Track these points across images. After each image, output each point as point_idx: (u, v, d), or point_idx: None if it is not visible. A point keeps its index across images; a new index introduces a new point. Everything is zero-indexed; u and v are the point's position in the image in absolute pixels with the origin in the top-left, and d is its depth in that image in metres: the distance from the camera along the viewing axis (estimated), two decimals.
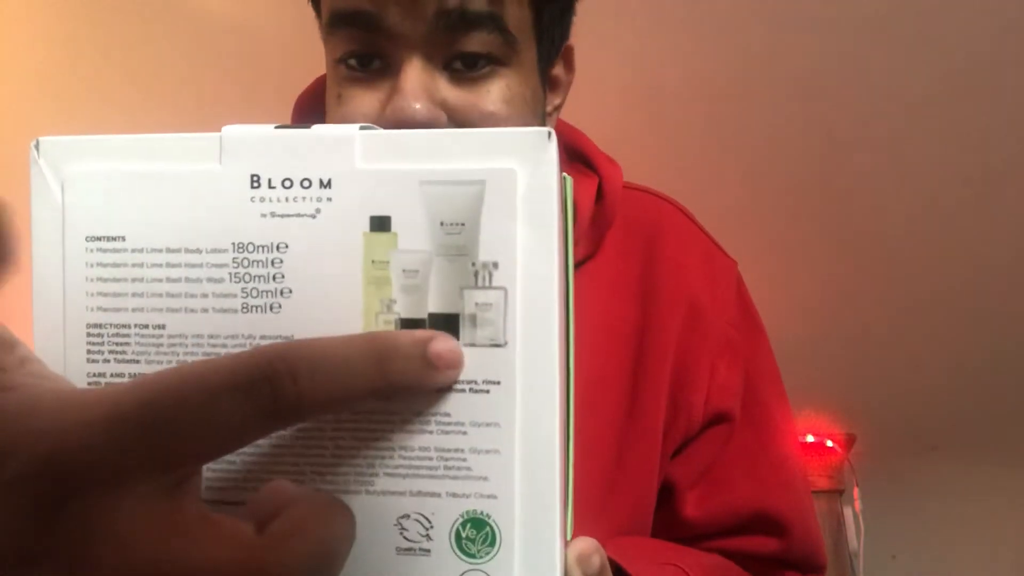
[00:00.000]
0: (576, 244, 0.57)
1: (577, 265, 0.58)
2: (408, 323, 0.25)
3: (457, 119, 0.47)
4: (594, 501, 0.53)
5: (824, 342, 1.66)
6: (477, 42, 0.47)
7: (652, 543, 0.57)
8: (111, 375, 0.25)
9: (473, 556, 0.24)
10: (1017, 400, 1.70)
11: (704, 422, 0.58)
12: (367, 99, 0.48)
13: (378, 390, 0.21)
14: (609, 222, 0.58)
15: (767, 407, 0.61)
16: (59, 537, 0.17)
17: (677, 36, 1.42)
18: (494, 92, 0.48)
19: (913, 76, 1.41)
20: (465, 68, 0.47)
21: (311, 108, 0.59)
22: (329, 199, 0.25)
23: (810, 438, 1.84)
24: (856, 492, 1.83)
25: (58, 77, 1.60)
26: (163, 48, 1.53)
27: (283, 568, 0.18)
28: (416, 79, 0.46)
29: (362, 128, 0.25)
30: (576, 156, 0.62)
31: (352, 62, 0.48)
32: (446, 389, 0.24)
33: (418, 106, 0.45)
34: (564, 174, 0.29)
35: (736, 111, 1.49)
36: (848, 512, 1.82)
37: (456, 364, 0.24)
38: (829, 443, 1.83)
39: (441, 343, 0.23)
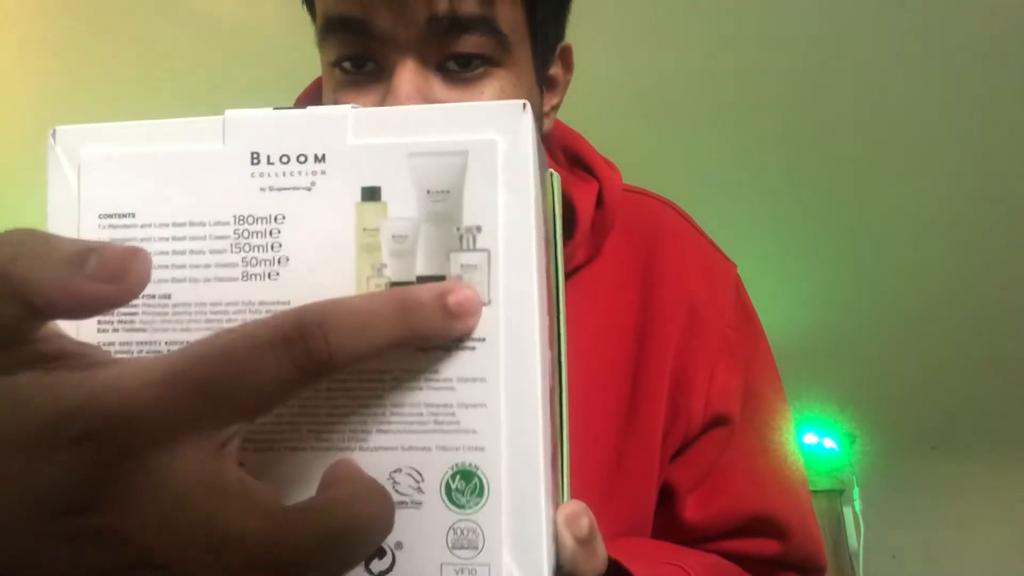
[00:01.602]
0: (576, 249, 0.57)
1: (577, 269, 0.58)
2: (397, 285, 0.26)
3: None
4: (593, 503, 0.53)
5: (824, 342, 1.66)
6: (470, 44, 0.47)
7: (653, 544, 0.57)
8: (120, 344, 0.27)
9: (463, 507, 0.25)
10: (1017, 400, 1.70)
11: (704, 424, 0.57)
12: (363, 102, 0.48)
13: (403, 340, 0.22)
14: (609, 227, 0.58)
15: (767, 409, 0.61)
16: (113, 491, 0.19)
17: (677, 36, 1.42)
18: (488, 94, 0.48)
19: (914, 76, 1.41)
20: (459, 68, 0.47)
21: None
22: (323, 172, 0.26)
23: (810, 438, 1.84)
24: (856, 492, 1.83)
25: (59, 77, 1.60)
26: (164, 48, 1.53)
27: (299, 542, 0.19)
28: (409, 81, 0.46)
29: (353, 107, 0.27)
30: (576, 161, 0.61)
31: (346, 65, 0.48)
32: (434, 347, 0.25)
33: None
34: (551, 171, 0.30)
35: (736, 111, 1.49)
36: (848, 512, 1.83)
37: (475, 311, 0.25)
38: (829, 443, 1.84)
39: (460, 292, 0.24)
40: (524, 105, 0.26)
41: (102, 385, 0.19)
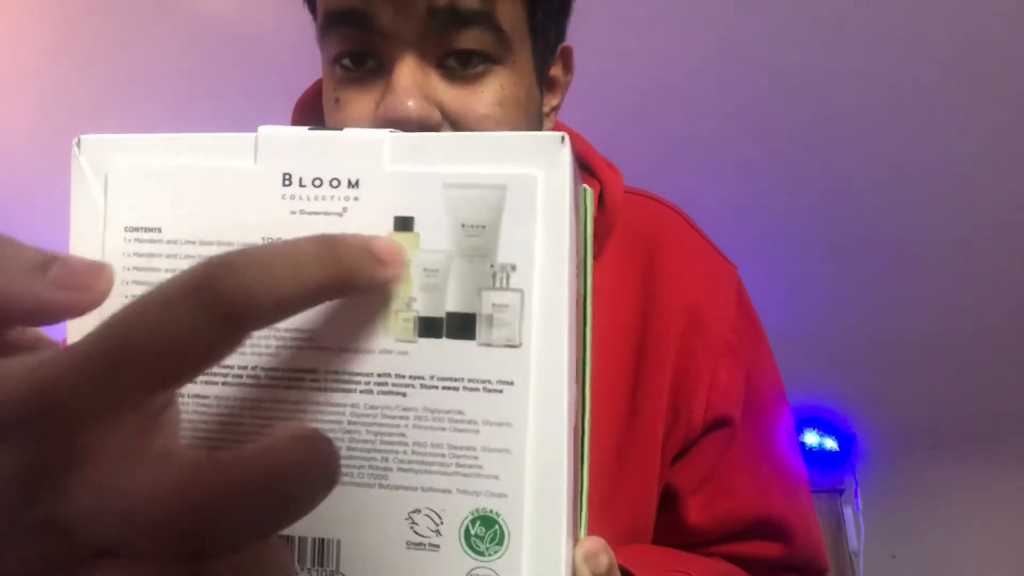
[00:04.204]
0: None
1: None
2: (427, 321, 0.25)
3: (451, 119, 0.47)
4: (594, 507, 0.53)
5: (824, 342, 1.66)
6: (470, 40, 0.46)
7: (660, 551, 0.57)
8: None
9: (482, 554, 0.25)
10: (1017, 400, 1.71)
11: (704, 427, 0.57)
12: (363, 100, 0.48)
13: (331, 279, 0.21)
14: (609, 229, 0.58)
15: (768, 411, 0.61)
16: (46, 481, 0.18)
17: (677, 36, 1.41)
18: (487, 93, 0.48)
19: (913, 75, 1.41)
20: (459, 66, 0.47)
21: (311, 110, 0.59)
22: (356, 199, 0.25)
23: (810, 438, 1.84)
24: (856, 492, 1.83)
25: (58, 77, 1.60)
26: (164, 48, 1.53)
27: (215, 489, 0.17)
28: (409, 77, 0.46)
29: (391, 132, 0.26)
30: (577, 162, 0.61)
31: (347, 62, 0.48)
32: (460, 388, 0.25)
33: (411, 103, 0.45)
34: (584, 185, 0.29)
35: (736, 112, 1.48)
36: (848, 512, 1.83)
37: (399, 261, 0.24)
38: (829, 443, 1.84)
39: (381, 240, 0.23)
40: (563, 138, 0.25)
41: (26, 374, 0.18)
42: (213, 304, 0.18)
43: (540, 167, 0.25)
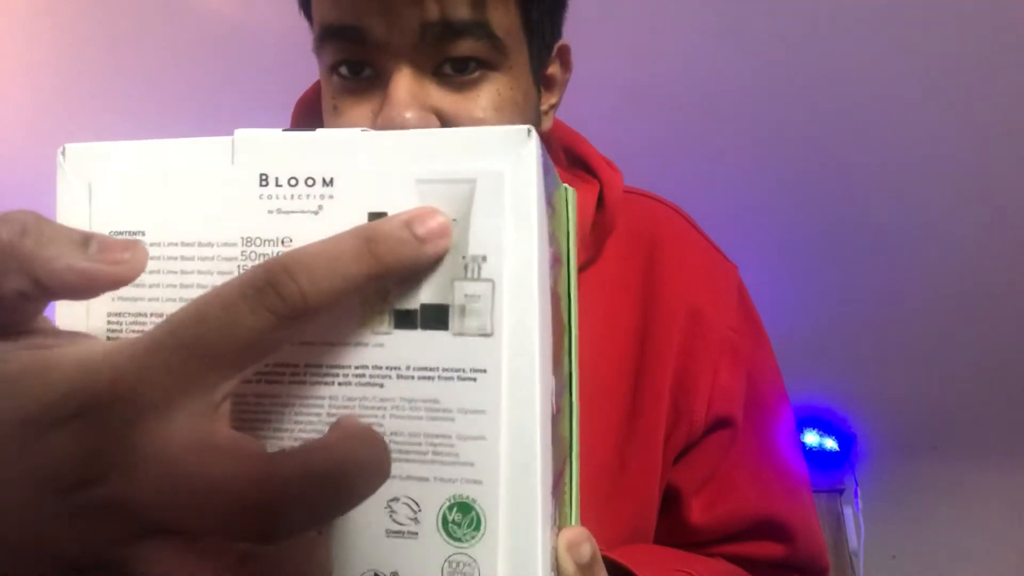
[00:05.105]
0: (578, 251, 0.57)
1: (578, 270, 0.58)
2: (402, 313, 0.26)
3: (448, 125, 0.47)
4: (596, 506, 0.53)
5: (824, 342, 1.66)
6: (465, 48, 0.47)
7: (661, 550, 0.57)
8: None
9: (459, 540, 0.25)
10: (1018, 400, 1.70)
11: (706, 427, 0.57)
12: (360, 110, 0.48)
13: (373, 271, 0.22)
14: (610, 228, 0.58)
15: (770, 411, 0.61)
16: (114, 462, 0.19)
17: (677, 35, 1.41)
18: (483, 98, 0.48)
19: (914, 74, 1.41)
20: (455, 72, 0.48)
21: (310, 111, 0.59)
22: (331, 196, 0.26)
23: (810, 438, 1.84)
24: (856, 492, 1.83)
25: (57, 76, 1.60)
26: (163, 48, 1.53)
27: (286, 480, 0.19)
28: (405, 88, 0.46)
29: (363, 131, 0.27)
30: (576, 162, 0.61)
31: (344, 70, 0.49)
32: (436, 377, 0.25)
33: (408, 115, 0.45)
34: (566, 186, 0.29)
35: (738, 111, 1.48)
36: (848, 512, 1.83)
37: (444, 232, 0.25)
38: (829, 443, 1.84)
39: (424, 217, 0.24)
40: (529, 131, 0.26)
41: (93, 362, 0.20)
42: (273, 303, 0.20)
43: (508, 160, 0.26)
